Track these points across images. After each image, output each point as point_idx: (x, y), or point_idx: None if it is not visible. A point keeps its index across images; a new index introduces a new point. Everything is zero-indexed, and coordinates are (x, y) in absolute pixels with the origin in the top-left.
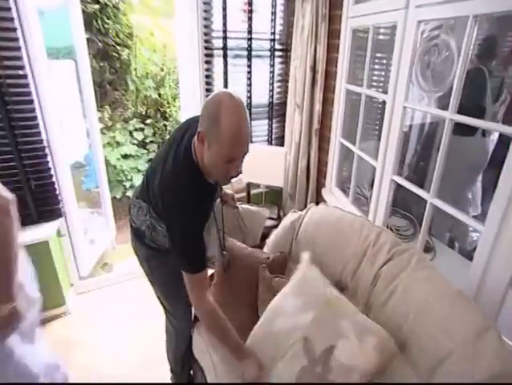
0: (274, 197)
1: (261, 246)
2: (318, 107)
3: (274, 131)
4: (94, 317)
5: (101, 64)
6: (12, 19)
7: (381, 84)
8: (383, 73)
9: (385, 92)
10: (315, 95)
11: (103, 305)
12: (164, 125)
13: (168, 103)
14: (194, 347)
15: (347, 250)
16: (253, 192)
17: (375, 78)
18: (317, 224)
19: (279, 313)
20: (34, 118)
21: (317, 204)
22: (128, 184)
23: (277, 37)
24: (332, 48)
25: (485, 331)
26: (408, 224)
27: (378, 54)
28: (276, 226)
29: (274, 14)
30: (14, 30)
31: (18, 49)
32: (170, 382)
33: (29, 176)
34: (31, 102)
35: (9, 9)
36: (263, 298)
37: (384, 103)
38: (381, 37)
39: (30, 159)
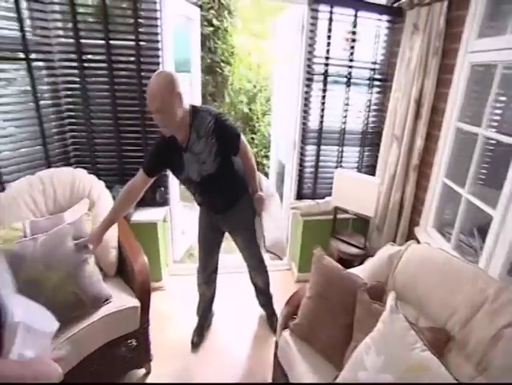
0: (360, 226)
1: None
2: (419, 142)
3: (364, 159)
4: (183, 297)
5: (206, 78)
6: (157, 41)
7: (504, 125)
8: (505, 112)
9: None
10: (418, 130)
11: (190, 289)
12: (252, 138)
13: (257, 118)
14: (280, 356)
15: (457, 297)
16: (339, 216)
17: (497, 118)
18: (420, 263)
19: (362, 366)
20: None
21: (418, 241)
22: None
23: (377, 67)
24: (442, 83)
25: None
26: None
27: (504, 91)
28: (361, 256)
29: (376, 44)
30: (158, 49)
31: (158, 64)
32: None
33: None
34: None
35: (156, 34)
36: (360, 321)
37: (507, 146)
38: (507, 72)
39: None
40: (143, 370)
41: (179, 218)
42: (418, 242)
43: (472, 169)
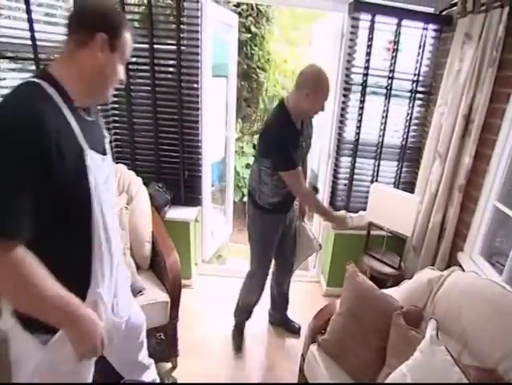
0: (395, 245)
1: None
2: (467, 160)
3: (402, 175)
4: (211, 296)
5: (242, 83)
6: (197, 46)
7: None
8: None
9: None
10: (466, 148)
11: (217, 290)
12: None
13: None
14: (307, 370)
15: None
16: (373, 232)
17: None
18: (465, 293)
19: None
20: (197, 122)
21: (462, 268)
22: (245, 191)
23: (420, 78)
24: (498, 97)
25: None
26: None
27: None
28: (395, 276)
29: (420, 54)
30: (198, 54)
31: (197, 68)
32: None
33: (185, 167)
34: (198, 109)
35: (197, 39)
36: (395, 346)
37: None
38: None
39: (189, 153)
40: (169, 364)
41: (210, 219)
42: (462, 269)
43: None
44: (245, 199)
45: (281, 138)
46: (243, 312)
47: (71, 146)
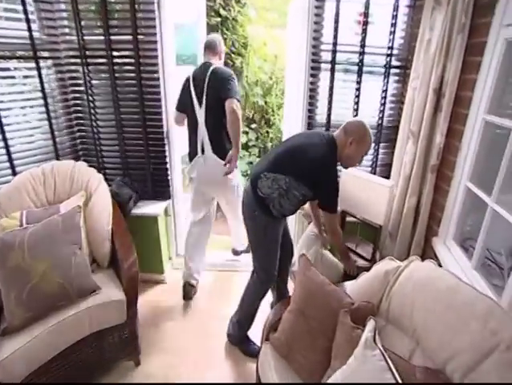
0: (370, 232)
1: None
2: (439, 139)
3: (379, 156)
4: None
5: None
6: (155, 34)
7: None
8: None
9: None
10: (437, 125)
11: None
12: (267, 132)
13: (272, 111)
14: (260, 370)
15: (461, 336)
16: (348, 219)
17: None
18: (420, 286)
19: None
20: (160, 113)
21: (423, 255)
22: None
23: (395, 52)
24: (468, 67)
25: None
26: None
27: None
28: (367, 269)
29: (393, 25)
30: (155, 42)
31: (156, 57)
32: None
33: (151, 160)
34: (160, 100)
35: (154, 26)
36: (339, 347)
37: None
38: None
39: (154, 146)
40: (131, 363)
41: (183, 212)
42: (435, 256)
43: (501, 172)
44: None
45: (336, 180)
46: (248, 318)
47: None
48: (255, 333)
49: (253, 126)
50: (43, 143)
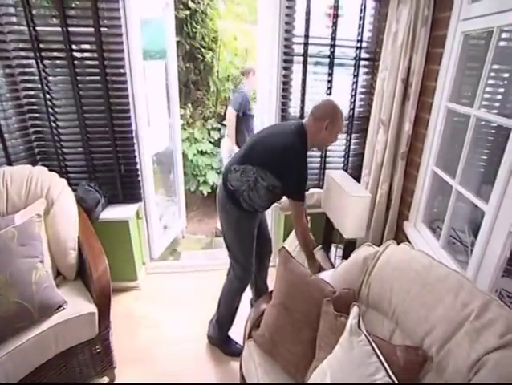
0: None
1: None
2: (408, 126)
3: (352, 146)
4: (159, 297)
5: (187, 65)
6: (120, 26)
7: (498, 104)
8: (501, 90)
9: (508, 116)
10: (406, 113)
11: (167, 288)
12: None
13: None
14: (244, 368)
15: (436, 311)
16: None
17: (491, 96)
18: (397, 269)
19: None
20: (128, 110)
21: (396, 239)
22: (201, 180)
23: (364, 44)
24: (432, 58)
25: None
26: None
27: (499, 67)
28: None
29: (362, 19)
30: (121, 35)
31: (122, 51)
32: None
33: (120, 162)
34: (127, 96)
35: (119, 18)
36: (323, 337)
37: (505, 130)
38: (504, 43)
39: (122, 146)
40: (106, 379)
41: (158, 213)
42: (407, 239)
43: (463, 157)
44: (202, 188)
45: (304, 168)
46: (228, 318)
47: None
48: (237, 332)
49: (226, 122)
50: None
